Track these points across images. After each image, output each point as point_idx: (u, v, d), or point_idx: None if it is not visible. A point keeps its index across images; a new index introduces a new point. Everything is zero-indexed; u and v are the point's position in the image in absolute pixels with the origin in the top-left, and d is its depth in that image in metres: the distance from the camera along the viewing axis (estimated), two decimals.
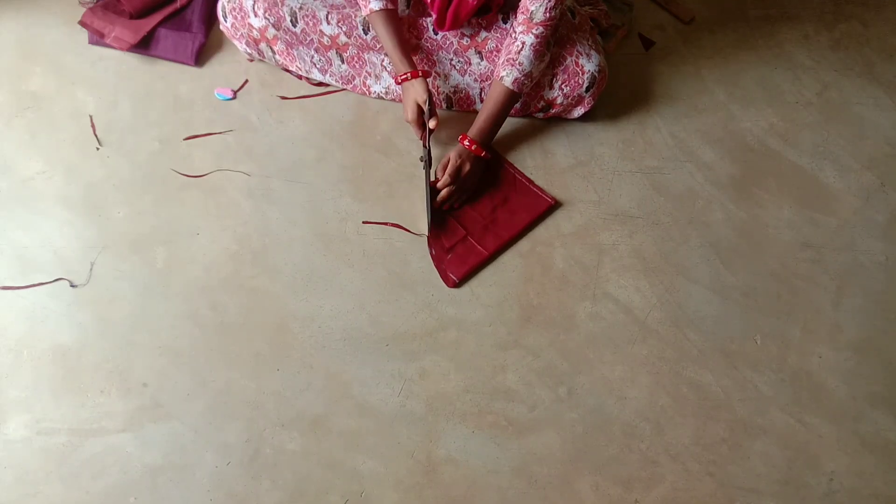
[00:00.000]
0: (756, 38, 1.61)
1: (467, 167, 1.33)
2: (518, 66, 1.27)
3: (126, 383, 1.19)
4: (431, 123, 1.31)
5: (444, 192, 1.33)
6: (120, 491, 1.12)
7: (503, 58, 1.29)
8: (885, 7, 1.68)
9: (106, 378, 1.20)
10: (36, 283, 1.27)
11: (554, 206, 1.37)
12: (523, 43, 1.26)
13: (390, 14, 1.31)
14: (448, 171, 1.33)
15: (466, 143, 1.33)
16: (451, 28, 1.33)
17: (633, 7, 1.63)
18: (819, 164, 1.45)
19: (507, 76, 1.28)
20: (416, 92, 1.31)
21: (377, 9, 1.29)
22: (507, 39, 1.30)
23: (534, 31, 1.25)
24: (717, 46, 1.60)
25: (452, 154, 1.34)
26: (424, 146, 1.35)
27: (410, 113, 1.32)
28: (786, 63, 1.58)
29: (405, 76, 1.31)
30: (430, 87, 1.38)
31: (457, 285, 1.29)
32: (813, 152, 1.46)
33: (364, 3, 1.30)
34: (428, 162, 1.34)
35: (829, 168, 1.45)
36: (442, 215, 1.35)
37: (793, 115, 1.51)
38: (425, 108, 1.31)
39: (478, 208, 1.36)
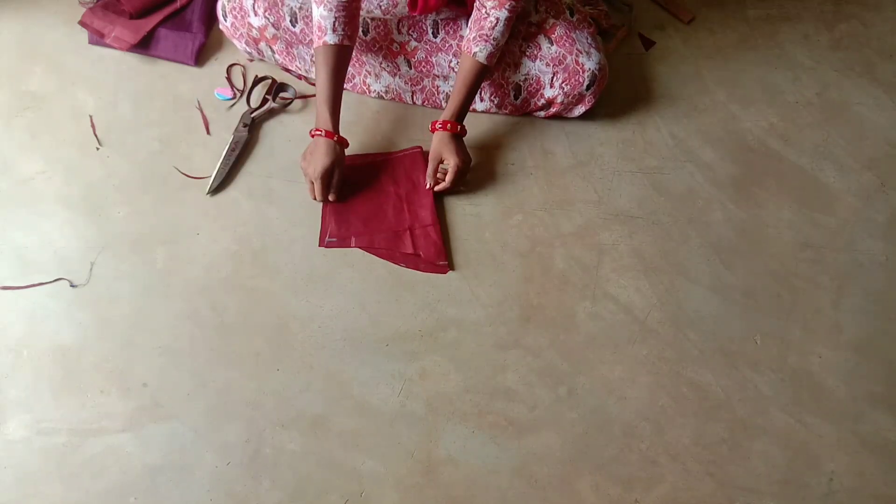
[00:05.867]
0: (756, 38, 1.61)
1: (455, 148, 1.31)
2: (492, 42, 1.27)
3: (126, 383, 1.19)
4: (331, 198, 1.31)
5: (449, 186, 1.32)
6: (120, 491, 1.12)
7: (474, 33, 1.27)
8: (885, 7, 1.68)
9: (106, 378, 1.20)
10: (36, 283, 1.27)
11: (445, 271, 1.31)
12: (497, 18, 1.26)
13: (343, 51, 1.26)
14: (450, 174, 1.31)
15: (448, 127, 1.30)
16: (423, 12, 1.28)
17: (633, 7, 1.63)
18: (819, 164, 1.45)
19: (481, 52, 1.27)
20: (334, 156, 1.27)
21: (332, 42, 1.23)
22: (476, 14, 1.28)
23: (506, 5, 1.25)
24: (717, 46, 1.60)
25: (444, 151, 1.30)
26: (315, 199, 1.32)
27: (322, 169, 1.27)
28: (786, 63, 1.58)
29: (319, 133, 1.27)
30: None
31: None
32: (813, 152, 1.46)
33: (320, 33, 1.24)
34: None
35: (829, 168, 1.45)
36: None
37: (793, 115, 1.51)
38: (335, 178, 1.29)
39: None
